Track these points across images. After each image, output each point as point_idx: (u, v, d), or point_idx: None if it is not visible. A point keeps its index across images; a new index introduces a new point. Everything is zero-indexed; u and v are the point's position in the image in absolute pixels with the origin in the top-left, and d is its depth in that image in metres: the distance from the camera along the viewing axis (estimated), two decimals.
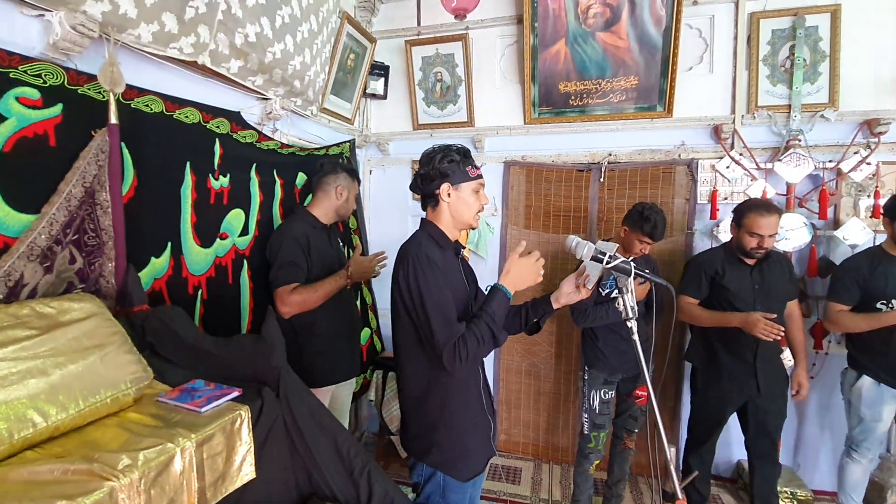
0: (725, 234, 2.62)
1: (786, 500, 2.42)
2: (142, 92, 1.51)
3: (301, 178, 2.34)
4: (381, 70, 3.12)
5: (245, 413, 1.11)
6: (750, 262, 2.13)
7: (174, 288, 1.60)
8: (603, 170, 2.86)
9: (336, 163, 2.05)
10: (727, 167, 2.66)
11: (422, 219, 1.42)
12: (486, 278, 2.03)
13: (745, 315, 2.00)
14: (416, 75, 3.13)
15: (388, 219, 3.15)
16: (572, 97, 2.90)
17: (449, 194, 1.33)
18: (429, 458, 1.29)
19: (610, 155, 2.87)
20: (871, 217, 2.50)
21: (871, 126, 2.49)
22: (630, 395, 2.36)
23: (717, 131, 2.68)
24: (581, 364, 2.46)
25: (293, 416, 1.19)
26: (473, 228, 1.55)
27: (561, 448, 3.01)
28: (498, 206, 3.06)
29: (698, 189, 2.73)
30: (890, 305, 2.05)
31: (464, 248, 1.42)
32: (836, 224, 2.56)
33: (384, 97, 3.16)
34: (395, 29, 3.16)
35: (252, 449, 1.11)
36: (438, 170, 1.31)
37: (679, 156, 2.77)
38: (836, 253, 2.54)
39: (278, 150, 2.19)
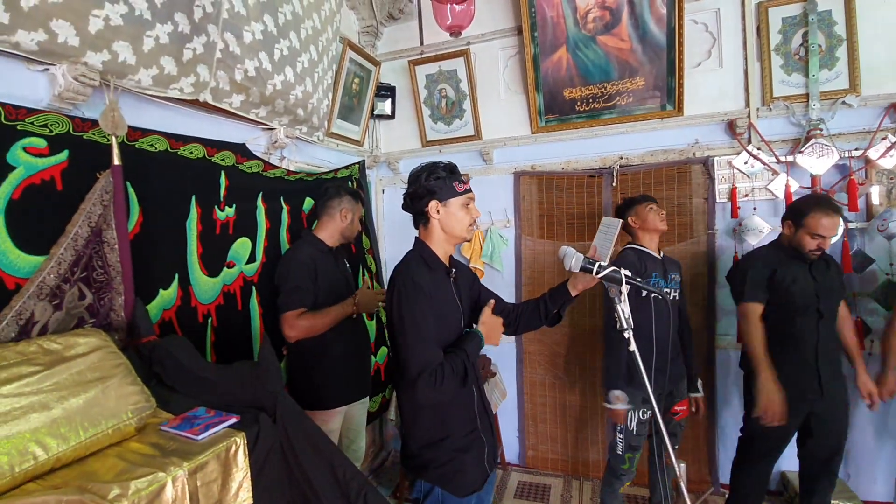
0: (751, 234, 2.50)
1: None
2: (145, 132, 1.59)
3: (308, 202, 2.40)
4: (387, 91, 3.18)
5: (241, 439, 1.12)
6: (805, 261, 2.01)
7: (184, 317, 1.65)
8: (615, 174, 2.80)
9: (339, 186, 2.09)
10: (745, 163, 2.55)
11: (415, 238, 1.42)
12: (503, 291, 2.00)
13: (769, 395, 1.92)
14: (421, 93, 3.18)
15: (402, 237, 3.18)
16: (578, 103, 2.86)
17: (438, 211, 1.33)
18: (426, 475, 1.28)
19: (621, 158, 2.81)
20: None
21: None
22: (668, 412, 2.22)
23: (731, 126, 2.58)
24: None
25: (290, 440, 1.19)
26: (468, 241, 1.56)
27: (591, 463, 2.91)
28: (510, 217, 3.03)
29: (716, 187, 2.62)
30: None
31: (454, 269, 1.40)
32: (869, 215, 2.40)
33: (392, 117, 3.22)
34: (399, 50, 3.23)
35: (248, 475, 1.12)
36: (425, 188, 1.31)
37: (694, 154, 2.68)
38: (871, 246, 2.38)
39: (285, 178, 2.25)
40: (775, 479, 2.60)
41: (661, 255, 2.20)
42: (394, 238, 3.28)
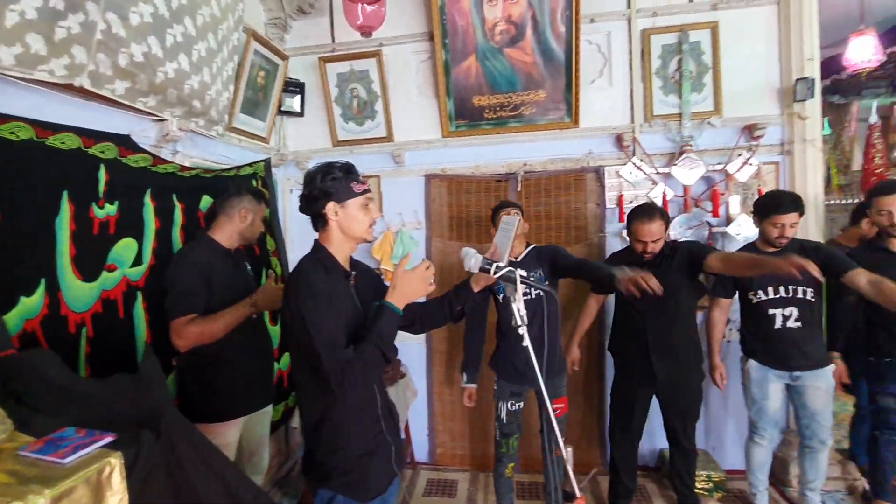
0: None
1: (702, 483, 2.57)
2: (5, 119, 1.40)
3: (206, 201, 2.25)
4: (296, 87, 3.08)
5: (116, 460, 1.04)
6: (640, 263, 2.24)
7: (51, 328, 1.47)
8: (519, 179, 2.96)
9: (240, 184, 1.99)
10: (630, 173, 2.83)
11: (314, 240, 1.40)
12: None
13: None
14: (332, 92, 3.11)
15: (311, 239, 3.07)
16: (487, 110, 2.99)
17: (336, 213, 1.31)
18: (329, 483, 1.26)
19: (525, 165, 2.98)
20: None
21: (751, 130, 2.74)
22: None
23: (619, 139, 2.86)
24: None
25: (177, 457, 1.12)
26: (369, 242, 1.56)
27: (492, 456, 3.02)
28: (421, 218, 3.08)
29: (606, 194, 2.88)
30: (758, 296, 2.25)
31: (353, 272, 1.39)
32: (729, 220, 2.78)
33: (301, 114, 3.12)
34: (310, 46, 3.14)
35: (126, 499, 1.04)
36: (322, 189, 1.30)
37: (588, 163, 2.92)
38: (729, 247, 2.76)
39: (178, 174, 2.09)
40: (655, 455, 2.92)
41: (525, 253, 2.30)
42: (302, 240, 3.17)
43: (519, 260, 2.27)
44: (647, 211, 2.22)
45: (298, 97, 3.08)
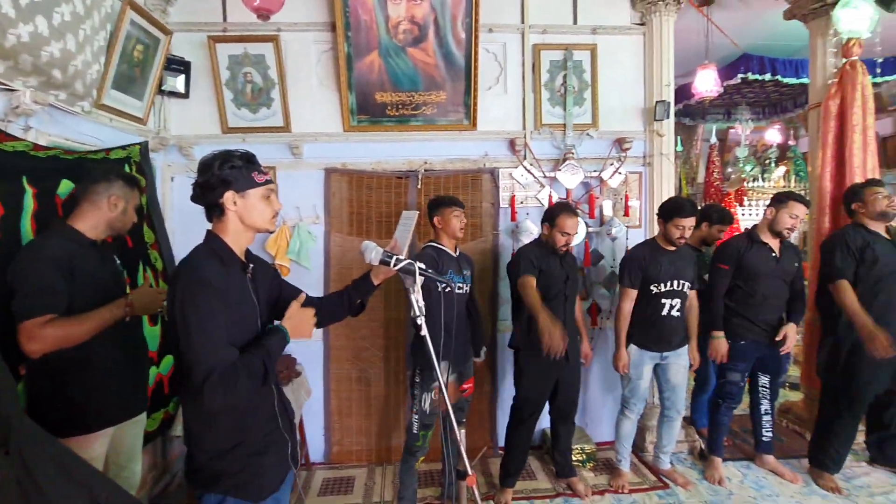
0: (525, 235, 2.99)
1: (577, 455, 2.88)
2: None
3: (66, 185, 1.97)
4: (180, 66, 2.82)
5: None
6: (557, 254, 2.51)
7: None
8: (420, 177, 3.03)
9: (110, 169, 1.77)
10: (521, 175, 3.05)
11: (207, 231, 1.32)
12: (310, 288, 1.94)
13: (551, 329, 2.26)
14: (223, 74, 2.91)
15: (197, 230, 2.80)
16: (389, 107, 3.01)
17: (235, 202, 1.25)
18: (217, 487, 1.20)
19: (425, 163, 3.06)
20: (623, 215, 3.13)
21: (621, 143, 3.11)
22: (457, 389, 2.53)
23: (512, 144, 3.07)
24: (411, 366, 2.53)
25: (30, 472, 0.99)
26: (271, 233, 1.51)
27: (394, 448, 3.09)
28: (320, 213, 3.02)
29: (500, 195, 3.08)
30: (659, 288, 2.57)
31: (251, 264, 1.34)
32: (602, 222, 3.14)
33: (186, 96, 2.87)
34: (197, 22, 2.90)
35: None
36: (219, 177, 1.23)
37: (484, 165, 3.09)
38: (602, 246, 3.12)
39: (29, 153, 1.81)
40: (538, 435, 3.19)
41: (458, 252, 2.49)
42: (185, 231, 2.91)
43: (458, 255, 2.47)
44: (570, 207, 2.50)
45: (183, 77, 2.83)
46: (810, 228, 3.39)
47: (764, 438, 2.85)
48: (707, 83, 4.15)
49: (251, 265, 1.34)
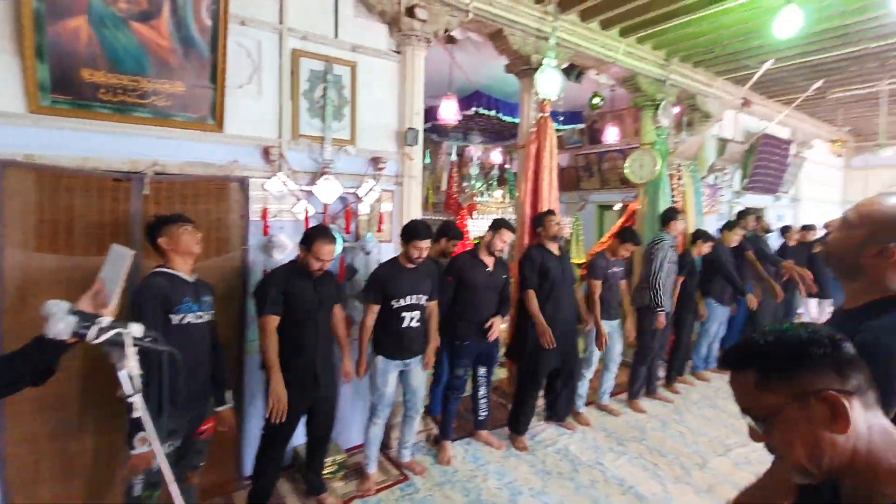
0: (278, 250, 2.87)
1: (329, 467, 2.97)
2: None
3: None
4: None
5: None
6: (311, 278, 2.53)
7: None
8: (146, 181, 2.54)
9: None
10: (276, 187, 2.90)
11: None
12: None
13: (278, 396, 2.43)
14: None
15: None
16: (103, 90, 2.41)
17: None
18: None
19: (156, 164, 2.58)
20: (377, 231, 3.34)
21: (377, 162, 3.29)
22: (194, 433, 2.25)
23: (266, 152, 2.88)
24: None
25: None
26: None
27: None
28: None
29: (251, 206, 2.86)
30: (399, 303, 2.83)
31: None
32: (358, 237, 3.28)
33: None
34: None
35: None
36: None
37: (233, 172, 2.81)
38: (357, 260, 3.26)
39: None
40: (287, 455, 3.13)
41: (194, 277, 2.21)
42: None
43: (193, 279, 2.25)
44: (329, 233, 2.51)
45: None
46: (517, 244, 4.29)
47: (480, 417, 3.56)
48: (449, 112, 4.78)
49: None
